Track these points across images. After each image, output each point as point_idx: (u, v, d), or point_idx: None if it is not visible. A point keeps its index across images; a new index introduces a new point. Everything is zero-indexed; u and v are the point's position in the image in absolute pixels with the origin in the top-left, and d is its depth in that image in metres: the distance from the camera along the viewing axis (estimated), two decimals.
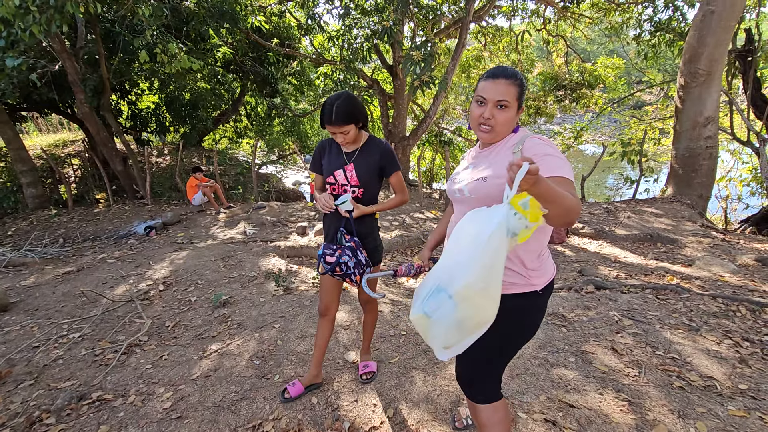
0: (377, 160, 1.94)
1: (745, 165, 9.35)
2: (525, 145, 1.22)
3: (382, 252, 2.13)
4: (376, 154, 1.93)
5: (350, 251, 1.88)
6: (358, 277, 1.89)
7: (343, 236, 1.94)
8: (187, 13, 7.97)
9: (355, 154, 1.95)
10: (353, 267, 1.87)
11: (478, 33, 11.71)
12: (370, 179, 1.95)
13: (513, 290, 1.31)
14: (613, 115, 14.18)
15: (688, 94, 6.57)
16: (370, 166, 1.94)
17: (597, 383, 2.19)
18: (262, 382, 2.33)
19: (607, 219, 5.91)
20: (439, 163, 12.98)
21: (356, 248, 1.91)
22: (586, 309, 3.09)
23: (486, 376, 1.41)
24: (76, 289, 3.97)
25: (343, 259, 1.86)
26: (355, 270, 1.88)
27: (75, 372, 2.57)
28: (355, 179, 1.93)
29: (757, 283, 3.43)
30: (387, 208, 2.02)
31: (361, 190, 1.95)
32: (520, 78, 1.28)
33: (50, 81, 7.43)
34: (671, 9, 8.62)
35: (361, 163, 1.94)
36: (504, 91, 1.25)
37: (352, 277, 1.89)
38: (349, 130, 1.82)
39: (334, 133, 1.83)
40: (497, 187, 1.24)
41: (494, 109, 1.26)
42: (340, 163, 1.95)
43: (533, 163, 0.88)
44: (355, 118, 1.81)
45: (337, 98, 1.77)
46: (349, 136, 1.85)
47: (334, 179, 1.96)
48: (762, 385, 2.10)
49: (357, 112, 1.82)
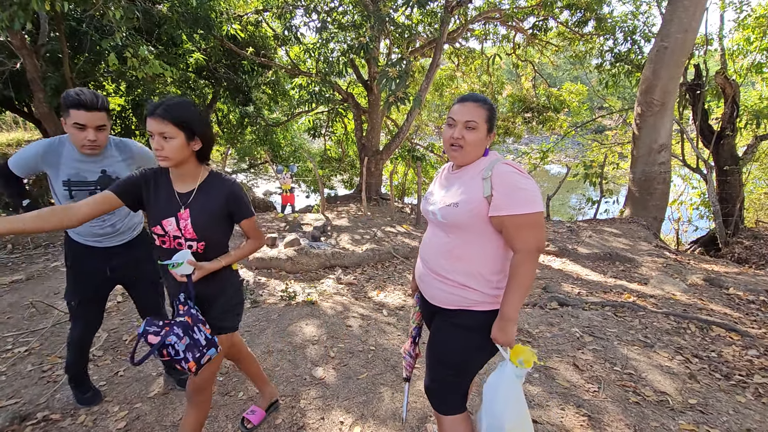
0: (221, 204, 1.50)
1: (694, 190, 10.03)
2: (494, 171, 1.28)
3: (240, 313, 1.70)
4: (220, 198, 1.50)
5: (181, 328, 1.40)
6: (192, 363, 1.41)
7: (178, 306, 1.48)
8: (160, 16, 7.81)
9: (191, 196, 1.49)
10: (184, 351, 1.40)
11: (451, 54, 12.07)
12: (213, 229, 1.51)
13: (479, 307, 1.36)
14: (577, 138, 14.89)
15: (644, 122, 7.01)
16: (212, 213, 1.49)
17: (559, 398, 2.25)
18: (224, 399, 2.25)
19: (570, 237, 6.15)
20: (411, 178, 13.15)
21: (192, 324, 1.43)
22: (550, 325, 3.19)
23: (451, 388, 1.45)
24: (24, 299, 3.72)
25: (169, 339, 1.38)
26: (187, 354, 1.40)
27: (19, 389, 2.39)
28: (190, 231, 1.46)
29: (705, 302, 3.65)
30: (240, 257, 1.58)
31: (202, 245, 1.49)
32: (489, 103, 1.36)
33: (7, 78, 7.04)
34: (630, 42, 9.22)
35: (199, 209, 1.47)
36: (472, 113, 1.32)
37: (183, 364, 1.41)
38: (173, 135, 1.36)
39: (152, 133, 1.38)
40: (467, 213, 1.31)
41: (463, 129, 1.33)
42: (172, 209, 1.47)
43: (506, 346, 1.33)
44: (186, 123, 1.38)
45: (176, 97, 1.41)
46: (171, 148, 1.37)
47: (163, 230, 1.47)
48: (709, 400, 2.23)
49: (193, 120, 1.40)
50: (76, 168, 1.83)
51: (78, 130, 1.73)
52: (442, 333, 1.44)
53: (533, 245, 1.25)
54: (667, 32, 6.53)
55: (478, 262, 1.35)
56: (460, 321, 1.39)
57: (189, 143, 1.42)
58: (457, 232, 1.35)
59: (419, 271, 1.54)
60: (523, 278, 1.26)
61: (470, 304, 1.36)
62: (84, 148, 1.77)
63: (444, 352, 1.43)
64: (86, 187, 1.85)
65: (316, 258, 4.87)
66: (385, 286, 4.26)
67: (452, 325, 1.41)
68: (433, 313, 1.52)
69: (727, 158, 8.08)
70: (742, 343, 2.86)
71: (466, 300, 1.36)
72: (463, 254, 1.36)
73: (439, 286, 1.41)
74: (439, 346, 1.45)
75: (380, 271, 4.89)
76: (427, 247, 1.49)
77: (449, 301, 1.40)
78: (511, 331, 1.30)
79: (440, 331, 1.46)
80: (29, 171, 1.84)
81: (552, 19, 9.79)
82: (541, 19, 9.69)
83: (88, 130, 1.74)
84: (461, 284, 1.36)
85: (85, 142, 1.75)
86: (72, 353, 2.10)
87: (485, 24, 10.94)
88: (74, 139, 1.76)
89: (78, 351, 2.10)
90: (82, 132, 1.74)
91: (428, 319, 1.61)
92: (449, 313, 1.41)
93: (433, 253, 1.44)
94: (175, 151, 1.39)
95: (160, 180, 1.51)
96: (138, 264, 2.07)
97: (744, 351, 2.76)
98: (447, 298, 1.40)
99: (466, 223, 1.32)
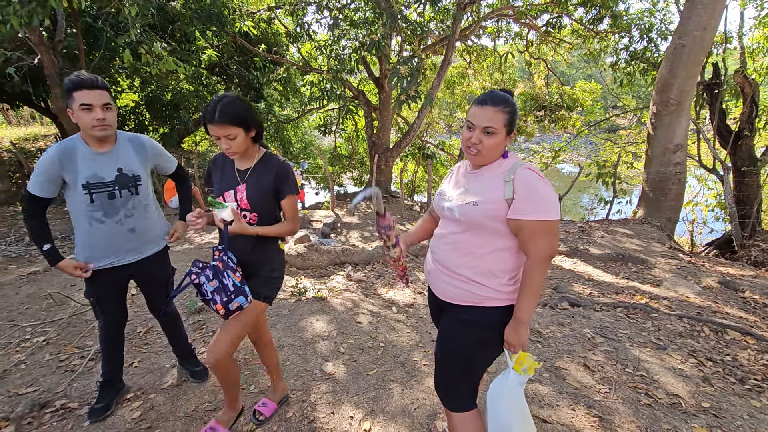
0: (272, 180, 1.68)
1: (710, 191, 9.85)
2: (517, 175, 1.28)
3: (277, 289, 1.82)
4: (271, 174, 1.68)
5: (212, 271, 1.55)
6: (220, 306, 1.55)
7: (214, 252, 1.65)
8: (174, 13, 7.89)
9: (248, 173, 1.70)
10: (212, 292, 1.55)
11: (463, 51, 12.00)
12: (265, 203, 1.69)
13: (489, 303, 1.37)
14: (590, 138, 14.71)
15: (659, 121, 6.90)
16: (264, 188, 1.67)
17: (570, 399, 2.24)
18: None
19: (581, 238, 6.09)
20: (421, 175, 13.12)
21: (222, 269, 1.56)
22: (561, 325, 3.17)
23: (461, 386, 1.46)
24: (42, 290, 3.81)
25: (199, 279, 1.55)
26: (215, 296, 1.54)
27: (38, 378, 2.45)
28: (245, 203, 1.67)
29: (719, 305, 3.60)
30: (273, 233, 1.70)
31: (254, 215, 1.68)
32: (510, 104, 1.32)
33: (26, 73, 7.19)
34: (646, 40, 9.07)
35: (254, 184, 1.67)
36: (491, 118, 1.29)
37: (212, 305, 1.57)
38: (236, 134, 1.56)
39: (217, 137, 1.56)
40: (486, 212, 1.31)
41: (482, 134, 1.31)
42: (232, 183, 1.70)
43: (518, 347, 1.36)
44: (242, 120, 1.56)
45: (224, 97, 1.56)
46: (237, 144, 1.58)
47: (223, 201, 1.69)
48: (723, 404, 2.20)
49: (246, 115, 1.58)
50: (92, 169, 1.81)
51: (85, 112, 1.72)
52: (450, 328, 1.45)
53: (546, 252, 1.27)
54: (685, 30, 6.40)
55: (490, 260, 1.35)
56: (468, 316, 1.39)
57: (247, 134, 1.62)
58: (473, 230, 1.36)
59: (429, 266, 1.54)
60: (535, 283, 1.28)
61: (479, 300, 1.37)
62: (95, 129, 1.74)
63: (451, 348, 1.44)
64: (105, 188, 1.83)
65: (326, 254, 4.90)
66: (394, 284, 4.27)
67: (460, 321, 1.42)
68: (441, 310, 1.53)
69: (744, 159, 7.92)
70: (758, 347, 2.81)
71: (475, 296, 1.37)
72: (476, 251, 1.36)
73: (448, 281, 1.42)
74: (446, 341, 1.46)
75: (389, 269, 4.90)
76: (438, 242, 1.49)
77: (458, 296, 1.40)
78: (525, 333, 1.33)
79: (448, 327, 1.46)
80: (51, 184, 1.78)
81: (566, 16, 9.66)
82: (555, 16, 9.57)
83: (95, 109, 1.72)
84: (471, 280, 1.36)
85: (95, 122, 1.73)
86: (103, 350, 2.10)
87: (498, 21, 10.84)
88: (83, 123, 1.74)
89: (108, 347, 2.09)
90: (90, 113, 1.72)
91: (436, 315, 1.62)
92: (458, 308, 1.42)
93: (444, 249, 1.44)
94: (240, 145, 1.60)
95: (227, 161, 1.76)
96: (150, 270, 2.08)
97: (759, 355, 2.72)
98: (456, 293, 1.40)
99: (483, 223, 1.32)
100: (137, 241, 1.97)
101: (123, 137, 1.93)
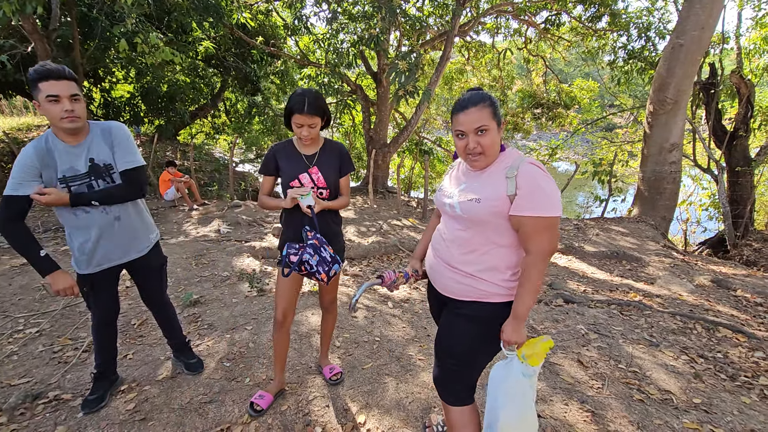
0: (337, 160, 1.97)
1: (704, 190, 9.92)
2: (520, 171, 1.26)
3: (344, 254, 2.11)
4: (337, 155, 1.97)
5: (312, 248, 1.82)
6: (324, 275, 1.83)
7: (306, 234, 1.88)
8: (171, 3, 7.80)
9: (316, 156, 1.94)
10: (316, 265, 1.81)
11: (462, 47, 11.97)
12: (334, 179, 1.97)
13: (490, 299, 1.37)
14: (586, 136, 14.75)
15: (656, 120, 6.92)
16: (334, 167, 1.96)
17: (563, 394, 2.26)
18: (231, 385, 2.28)
19: (577, 235, 6.12)
20: (418, 171, 13.12)
21: (319, 245, 1.84)
22: (555, 322, 3.19)
23: (456, 378, 1.46)
24: (35, 281, 3.78)
25: (304, 257, 1.80)
26: (318, 268, 1.81)
27: (30, 369, 2.44)
28: (322, 181, 1.93)
29: (711, 303, 3.63)
30: (338, 206, 2.00)
31: (327, 191, 1.96)
32: (488, 97, 1.30)
33: (19, 62, 7.09)
34: (644, 39, 9.09)
35: (326, 164, 1.95)
36: (479, 117, 1.27)
37: (317, 276, 1.83)
38: (317, 123, 1.81)
39: (301, 125, 1.78)
40: (489, 209, 1.30)
41: (476, 137, 1.29)
42: (303, 167, 1.92)
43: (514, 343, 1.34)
44: (324, 112, 1.81)
45: (308, 90, 1.77)
46: (315, 132, 1.83)
47: (300, 183, 1.92)
48: (714, 400, 2.23)
49: (326, 107, 1.84)
50: (68, 162, 1.76)
51: (53, 104, 1.65)
52: (450, 323, 1.46)
53: (547, 248, 1.26)
54: (683, 29, 6.42)
55: (492, 256, 1.35)
56: (469, 311, 1.40)
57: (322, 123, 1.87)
58: (474, 227, 1.35)
59: (430, 262, 1.54)
60: (535, 279, 1.27)
61: (481, 295, 1.37)
62: (63, 120, 1.68)
63: (450, 342, 1.45)
64: (81, 180, 1.79)
65: None
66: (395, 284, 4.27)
67: (460, 315, 1.42)
68: (442, 305, 1.53)
69: (739, 159, 7.97)
70: (749, 345, 2.84)
71: (477, 291, 1.37)
72: (478, 247, 1.36)
73: (450, 276, 1.42)
74: (445, 335, 1.47)
75: (385, 264, 4.90)
76: (440, 237, 1.49)
77: (460, 292, 1.40)
78: (523, 329, 1.33)
79: (448, 321, 1.47)
80: (33, 179, 1.72)
81: (565, 13, 9.65)
82: (554, 14, 9.57)
83: (62, 101, 1.66)
84: (473, 275, 1.36)
85: (63, 113, 1.66)
86: (96, 341, 2.09)
87: (497, 17, 10.81)
88: (51, 115, 1.67)
89: (100, 338, 2.08)
90: (58, 104, 1.66)
91: (437, 311, 1.62)
92: (459, 303, 1.42)
93: (446, 244, 1.44)
94: (317, 132, 1.86)
95: (288, 149, 1.95)
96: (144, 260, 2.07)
97: (750, 353, 2.75)
98: (458, 288, 1.40)
99: (486, 219, 1.31)
100: (126, 235, 1.95)
101: (96, 127, 1.86)
